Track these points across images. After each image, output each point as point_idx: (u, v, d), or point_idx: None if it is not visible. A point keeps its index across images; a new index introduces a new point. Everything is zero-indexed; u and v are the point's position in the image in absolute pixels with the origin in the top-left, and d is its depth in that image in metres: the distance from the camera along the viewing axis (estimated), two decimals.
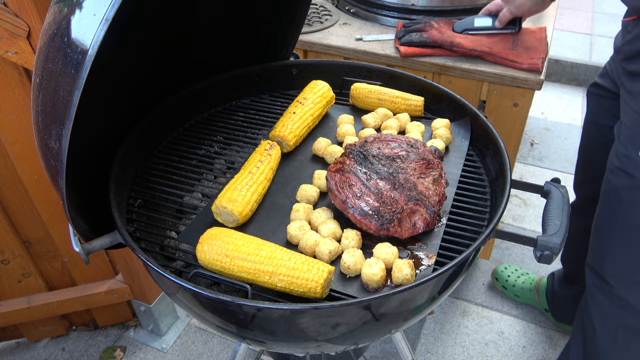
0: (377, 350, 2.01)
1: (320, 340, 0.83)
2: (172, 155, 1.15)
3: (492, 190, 1.04)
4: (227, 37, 1.28)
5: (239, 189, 0.95)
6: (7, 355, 2.01)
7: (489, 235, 0.84)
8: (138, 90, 1.13)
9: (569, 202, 0.91)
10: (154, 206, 1.04)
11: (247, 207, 0.93)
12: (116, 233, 0.88)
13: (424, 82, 1.27)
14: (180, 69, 1.21)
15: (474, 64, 1.60)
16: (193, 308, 0.85)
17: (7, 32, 1.24)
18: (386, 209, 0.88)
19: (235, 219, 0.92)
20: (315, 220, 0.93)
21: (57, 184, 0.75)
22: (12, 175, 1.53)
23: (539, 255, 0.83)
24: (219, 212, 0.93)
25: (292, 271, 0.79)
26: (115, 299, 1.91)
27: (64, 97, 0.68)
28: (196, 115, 1.27)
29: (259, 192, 0.98)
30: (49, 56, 0.72)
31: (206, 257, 0.84)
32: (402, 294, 0.75)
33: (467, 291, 2.28)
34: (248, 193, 0.95)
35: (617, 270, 1.29)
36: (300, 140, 1.16)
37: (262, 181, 0.99)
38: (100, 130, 1.02)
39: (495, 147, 1.05)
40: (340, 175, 0.93)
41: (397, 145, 0.98)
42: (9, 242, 1.67)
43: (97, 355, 2.00)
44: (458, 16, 1.86)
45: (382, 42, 1.77)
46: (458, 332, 2.10)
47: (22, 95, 1.38)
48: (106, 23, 0.64)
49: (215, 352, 2.02)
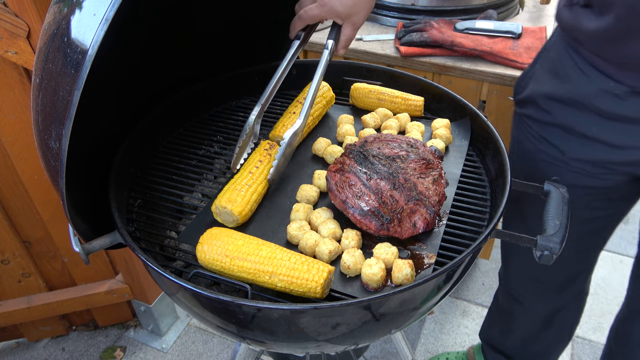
0: (377, 350, 2.01)
1: (320, 340, 0.83)
2: (172, 155, 1.15)
3: (492, 190, 1.04)
4: (228, 37, 1.28)
5: (239, 189, 0.95)
6: (7, 355, 2.01)
7: (489, 235, 0.84)
8: (138, 90, 1.13)
9: (569, 202, 0.91)
10: (154, 206, 1.04)
11: (247, 207, 0.93)
12: (116, 233, 0.88)
13: (424, 82, 1.27)
14: (181, 69, 1.22)
15: (474, 64, 1.60)
16: (193, 308, 0.85)
17: (7, 32, 1.24)
18: (386, 209, 0.88)
19: (235, 219, 0.92)
20: (315, 220, 0.93)
21: (57, 184, 0.75)
22: (12, 175, 1.54)
23: (539, 255, 0.83)
24: (219, 212, 0.93)
25: (292, 271, 0.79)
26: (115, 299, 1.91)
27: (64, 97, 0.68)
28: (196, 115, 1.27)
29: (259, 192, 0.98)
30: (49, 56, 0.72)
31: (206, 257, 0.84)
32: (402, 294, 0.75)
33: (467, 291, 2.28)
34: (247, 193, 0.95)
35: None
36: (300, 140, 1.16)
37: (261, 181, 0.99)
38: (100, 130, 1.02)
39: (495, 147, 1.05)
40: (340, 175, 0.93)
41: (397, 145, 0.98)
42: (9, 242, 1.67)
43: (97, 355, 2.00)
44: (458, 16, 1.86)
45: (382, 42, 1.77)
46: (458, 332, 2.10)
47: (22, 95, 1.38)
48: (106, 23, 0.64)
49: (215, 352, 2.02)
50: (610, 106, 0.98)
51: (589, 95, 1.00)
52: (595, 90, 0.99)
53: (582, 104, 1.02)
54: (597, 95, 0.99)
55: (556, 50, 1.09)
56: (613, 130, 1.01)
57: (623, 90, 0.95)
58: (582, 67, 1.01)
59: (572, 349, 2.05)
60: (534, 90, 1.14)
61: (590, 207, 1.19)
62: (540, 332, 1.52)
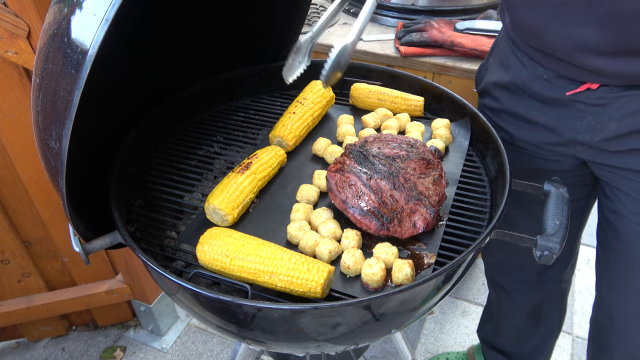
0: (377, 350, 2.01)
1: (321, 340, 0.83)
2: (172, 155, 1.15)
3: (492, 190, 1.04)
4: (228, 37, 1.28)
5: (229, 189, 0.95)
6: (7, 355, 2.01)
7: (489, 235, 0.84)
8: (138, 90, 1.13)
9: (568, 202, 0.91)
10: (154, 206, 1.04)
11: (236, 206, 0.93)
12: (116, 233, 0.88)
13: (424, 82, 1.27)
14: (181, 70, 1.21)
15: (474, 64, 1.60)
16: (193, 308, 0.85)
17: (7, 32, 1.24)
18: (386, 208, 0.88)
19: (224, 218, 0.93)
20: (315, 220, 0.93)
21: (57, 184, 0.75)
22: (12, 175, 1.53)
23: (539, 255, 0.83)
24: (210, 212, 0.94)
25: (292, 271, 0.79)
26: (115, 299, 1.91)
27: (64, 97, 0.68)
28: (196, 115, 1.27)
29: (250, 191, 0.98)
30: (49, 56, 0.72)
31: (206, 257, 0.84)
32: (402, 294, 0.75)
33: (467, 291, 2.28)
34: (236, 192, 0.95)
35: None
36: (300, 141, 1.16)
37: (251, 181, 0.99)
38: (100, 130, 1.02)
39: (495, 147, 1.05)
40: (340, 175, 0.93)
41: (397, 145, 0.98)
42: (9, 242, 1.67)
43: (97, 355, 2.00)
44: (458, 16, 1.86)
45: (382, 42, 1.77)
46: (458, 332, 2.10)
47: (22, 95, 1.38)
48: (106, 23, 0.64)
49: (215, 352, 2.02)
50: (543, 89, 1.08)
51: (526, 81, 1.11)
52: (529, 75, 1.10)
53: (522, 89, 1.13)
54: (532, 80, 1.09)
55: (502, 43, 1.20)
56: (549, 113, 1.10)
57: (551, 75, 1.05)
58: (519, 56, 1.11)
59: (572, 349, 2.05)
60: (487, 81, 1.23)
61: None
62: (529, 326, 1.56)
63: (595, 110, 1.02)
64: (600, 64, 0.94)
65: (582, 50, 0.94)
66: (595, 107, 1.02)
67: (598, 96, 1.00)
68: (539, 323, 1.56)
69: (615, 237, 1.16)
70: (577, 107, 1.04)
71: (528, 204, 1.20)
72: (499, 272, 1.54)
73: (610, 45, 0.90)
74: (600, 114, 1.02)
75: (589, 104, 1.02)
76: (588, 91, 1.01)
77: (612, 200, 1.14)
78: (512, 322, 1.59)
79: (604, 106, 1.01)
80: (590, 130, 1.05)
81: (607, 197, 1.15)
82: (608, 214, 1.17)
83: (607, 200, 1.16)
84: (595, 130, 1.04)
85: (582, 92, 1.02)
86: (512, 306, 1.55)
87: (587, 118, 1.04)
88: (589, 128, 1.05)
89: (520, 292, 1.50)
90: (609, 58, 0.92)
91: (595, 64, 0.94)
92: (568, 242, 1.38)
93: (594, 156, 1.10)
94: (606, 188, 1.15)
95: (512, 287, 1.51)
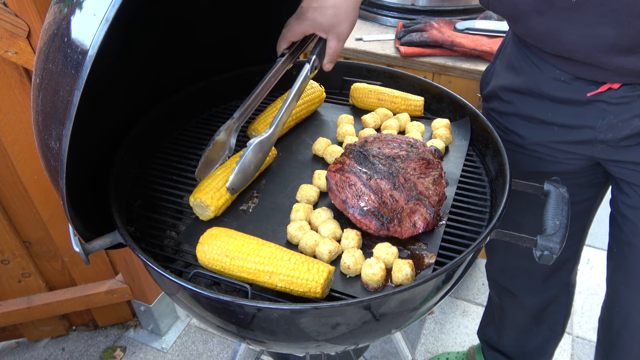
0: (377, 350, 2.01)
1: (321, 340, 0.83)
2: (172, 155, 1.15)
3: (492, 190, 1.04)
4: (228, 38, 1.28)
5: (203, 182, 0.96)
6: (7, 355, 2.01)
7: (489, 235, 0.84)
8: (138, 90, 1.13)
9: (568, 202, 0.91)
10: (154, 206, 1.04)
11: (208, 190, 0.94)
12: (116, 233, 0.88)
13: (424, 82, 1.27)
14: (181, 70, 1.21)
15: (474, 64, 1.61)
16: (193, 308, 0.85)
17: (7, 32, 1.24)
18: (386, 208, 0.88)
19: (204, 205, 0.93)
20: (315, 220, 0.93)
21: (57, 184, 0.75)
22: (12, 175, 1.54)
23: (539, 255, 0.83)
24: (196, 210, 0.95)
25: (292, 271, 0.79)
26: (115, 299, 1.91)
27: (64, 97, 0.68)
28: (196, 115, 1.27)
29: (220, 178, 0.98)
30: (49, 56, 0.72)
31: (206, 257, 0.84)
32: (402, 294, 0.75)
33: (467, 291, 2.28)
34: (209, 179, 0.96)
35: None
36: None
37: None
38: (100, 130, 1.02)
39: (495, 147, 1.05)
40: (340, 175, 0.93)
41: (397, 145, 0.98)
42: (9, 242, 1.67)
43: (97, 355, 2.00)
44: (458, 16, 1.86)
45: (382, 42, 1.77)
46: (458, 332, 2.10)
47: (22, 95, 1.38)
48: (106, 23, 0.64)
49: (215, 352, 2.02)
50: (560, 92, 1.07)
51: (541, 84, 1.09)
52: (545, 78, 1.08)
53: (537, 93, 1.11)
54: (548, 83, 1.08)
55: (511, 47, 1.18)
56: (566, 113, 1.09)
57: (567, 77, 1.04)
58: (533, 59, 1.10)
59: (572, 349, 2.05)
60: (495, 85, 1.22)
61: None
62: (532, 328, 1.55)
63: (618, 109, 1.01)
64: (621, 62, 0.92)
65: (602, 49, 0.93)
66: (617, 106, 1.01)
67: (620, 95, 0.99)
68: (542, 325, 1.55)
69: (633, 232, 1.15)
70: (599, 106, 1.03)
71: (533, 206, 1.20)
72: (504, 276, 1.52)
73: (629, 41, 0.89)
74: (624, 112, 1.01)
75: (611, 103, 1.01)
76: (609, 91, 1.00)
77: (629, 197, 1.13)
78: (515, 324, 1.58)
79: (626, 104, 1.00)
80: (612, 128, 1.04)
81: (625, 193, 1.14)
82: (625, 210, 1.16)
83: (624, 197, 1.15)
84: (618, 128, 1.03)
85: (604, 92, 1.01)
86: (516, 308, 1.54)
87: (609, 117, 1.03)
88: (610, 126, 1.04)
89: (526, 294, 1.49)
90: (630, 56, 0.91)
91: (615, 63, 0.93)
92: (575, 243, 1.39)
93: (612, 154, 1.09)
94: (622, 185, 1.14)
95: (518, 290, 1.50)
